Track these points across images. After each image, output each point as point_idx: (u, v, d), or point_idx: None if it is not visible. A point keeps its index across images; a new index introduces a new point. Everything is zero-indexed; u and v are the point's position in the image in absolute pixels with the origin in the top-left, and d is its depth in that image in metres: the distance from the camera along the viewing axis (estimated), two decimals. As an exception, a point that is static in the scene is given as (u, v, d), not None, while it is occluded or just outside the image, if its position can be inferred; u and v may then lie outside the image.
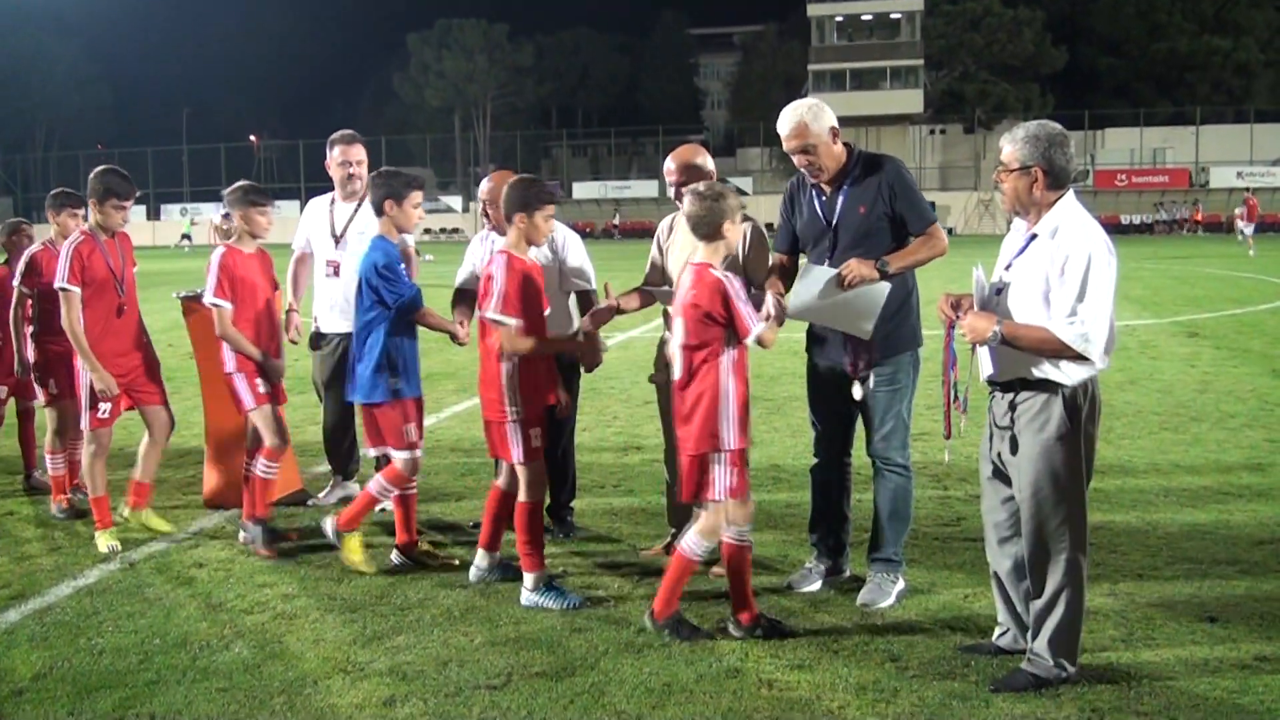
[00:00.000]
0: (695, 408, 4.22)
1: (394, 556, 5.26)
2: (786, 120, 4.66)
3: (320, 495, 6.51)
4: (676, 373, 4.32)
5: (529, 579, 4.73)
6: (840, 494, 4.93)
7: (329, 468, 6.70)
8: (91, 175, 5.82)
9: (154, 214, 68.96)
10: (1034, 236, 3.77)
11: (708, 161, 5.13)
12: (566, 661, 4.09)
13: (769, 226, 5.08)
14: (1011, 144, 3.79)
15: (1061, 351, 3.62)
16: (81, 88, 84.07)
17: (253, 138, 77.99)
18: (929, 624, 4.44)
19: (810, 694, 3.78)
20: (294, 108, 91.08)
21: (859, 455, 4.94)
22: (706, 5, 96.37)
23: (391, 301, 5.02)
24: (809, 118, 4.62)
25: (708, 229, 4.27)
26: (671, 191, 5.07)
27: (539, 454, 4.80)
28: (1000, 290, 3.83)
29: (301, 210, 6.67)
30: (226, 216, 6.49)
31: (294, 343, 6.50)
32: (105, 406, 5.74)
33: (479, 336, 4.92)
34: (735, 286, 4.18)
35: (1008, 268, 3.85)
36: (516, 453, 4.74)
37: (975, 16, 64.80)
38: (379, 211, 5.17)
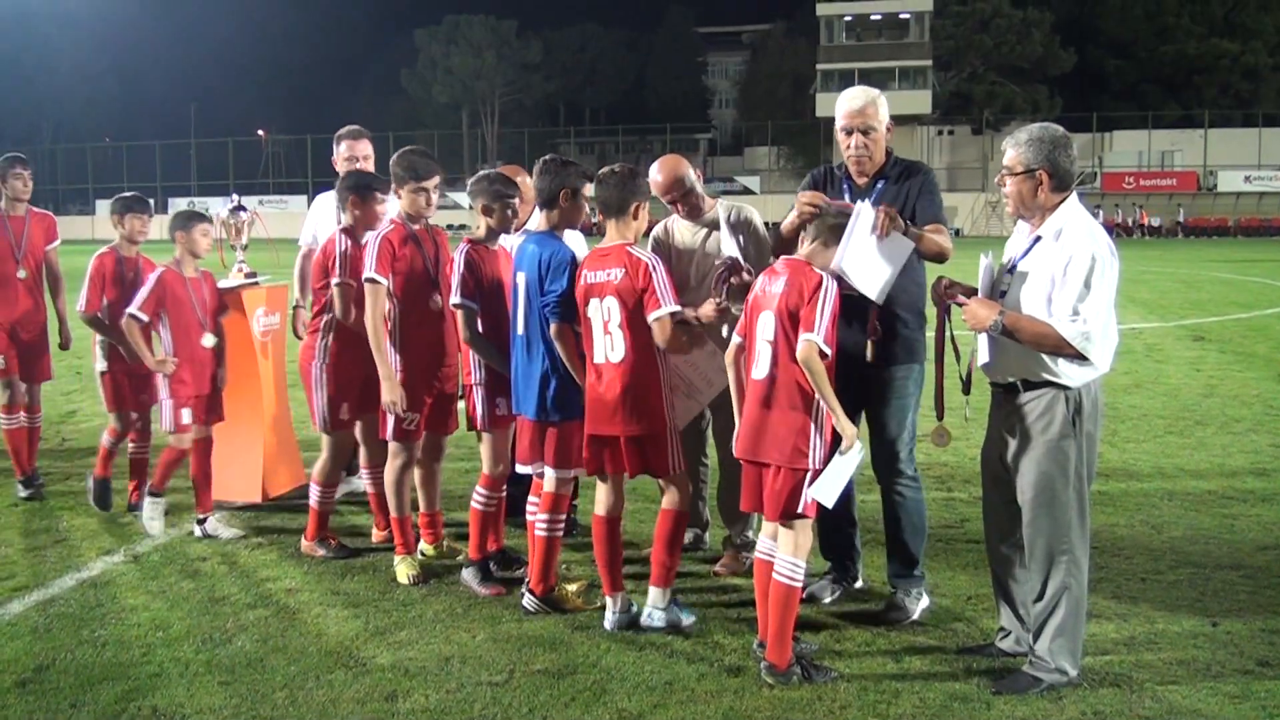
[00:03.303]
0: (785, 417, 3.87)
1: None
2: (854, 96, 4.54)
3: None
4: (762, 370, 3.95)
5: (658, 595, 4.34)
6: (846, 500, 4.89)
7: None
8: (394, 159, 5.11)
9: (162, 208, 68.97)
10: (1038, 239, 3.76)
11: (690, 172, 5.05)
12: (569, 659, 4.10)
13: (774, 224, 5.01)
14: (1015, 147, 3.77)
15: (1060, 348, 3.61)
16: (89, 81, 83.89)
17: (260, 132, 78.01)
18: (931, 625, 4.44)
19: (811, 694, 3.78)
20: (301, 102, 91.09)
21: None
22: (715, 3, 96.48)
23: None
24: (880, 100, 4.54)
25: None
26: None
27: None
28: (1003, 294, 3.82)
29: (309, 206, 6.68)
30: (235, 210, 6.52)
31: (300, 338, 6.50)
32: (414, 417, 5.05)
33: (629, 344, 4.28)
34: (831, 292, 3.86)
35: (1010, 270, 3.84)
36: (675, 461, 4.35)
37: (984, 17, 64.76)
38: (553, 204, 4.56)
